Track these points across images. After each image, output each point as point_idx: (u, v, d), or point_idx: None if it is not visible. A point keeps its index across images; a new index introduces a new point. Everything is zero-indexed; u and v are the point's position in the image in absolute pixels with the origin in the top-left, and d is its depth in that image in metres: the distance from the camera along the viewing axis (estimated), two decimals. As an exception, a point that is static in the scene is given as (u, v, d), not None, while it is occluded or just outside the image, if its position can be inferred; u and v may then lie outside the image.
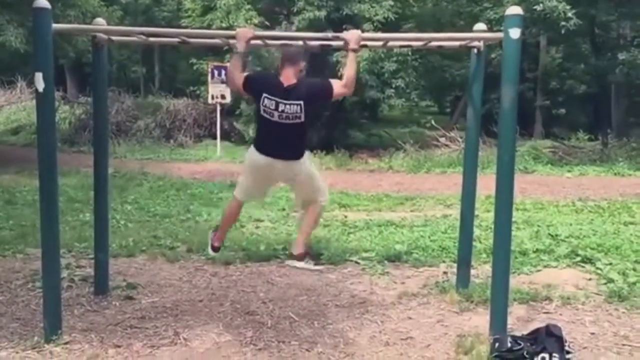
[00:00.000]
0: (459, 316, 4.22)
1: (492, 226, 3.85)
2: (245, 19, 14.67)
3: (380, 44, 4.66)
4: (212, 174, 11.64)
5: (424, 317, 4.22)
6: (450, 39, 4.74)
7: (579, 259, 5.46)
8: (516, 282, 4.75)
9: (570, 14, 13.25)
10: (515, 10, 3.57)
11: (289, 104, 3.65)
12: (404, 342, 3.79)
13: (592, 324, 4.09)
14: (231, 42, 4.10)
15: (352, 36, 3.74)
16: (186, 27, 15.09)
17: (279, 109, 3.66)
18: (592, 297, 4.58)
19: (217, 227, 4.32)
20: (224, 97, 14.72)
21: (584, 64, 18.81)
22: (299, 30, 13.68)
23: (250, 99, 14.20)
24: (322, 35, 4.39)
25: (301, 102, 3.64)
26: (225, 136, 15.93)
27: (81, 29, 6.15)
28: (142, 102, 18.64)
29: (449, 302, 4.43)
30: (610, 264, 5.26)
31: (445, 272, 5.18)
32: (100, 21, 4.14)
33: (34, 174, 4.23)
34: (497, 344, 3.45)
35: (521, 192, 9.04)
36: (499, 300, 3.73)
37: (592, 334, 3.91)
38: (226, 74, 13.41)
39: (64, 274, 4.73)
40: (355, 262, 5.52)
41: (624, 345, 3.74)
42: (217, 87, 14.66)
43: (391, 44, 5.08)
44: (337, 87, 3.71)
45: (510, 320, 3.84)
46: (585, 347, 3.70)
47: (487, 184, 4.75)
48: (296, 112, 3.66)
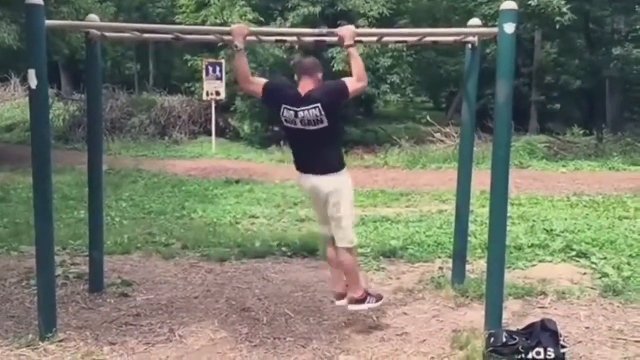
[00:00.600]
0: (455, 311, 4.23)
1: (488, 221, 3.85)
2: (239, 15, 14.65)
3: (375, 39, 4.65)
4: (208, 170, 11.63)
5: (420, 312, 4.23)
6: (445, 35, 4.75)
7: (574, 253, 5.48)
8: (511, 277, 4.76)
9: (565, 9, 13.26)
10: (510, 5, 3.57)
11: (307, 110, 3.60)
12: (400, 337, 3.79)
13: (587, 318, 4.10)
14: (226, 38, 4.09)
15: (347, 32, 3.71)
16: (180, 24, 15.04)
17: (299, 116, 3.63)
18: (587, 291, 4.60)
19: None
20: (218, 93, 14.69)
21: (578, 60, 18.85)
22: (294, 26, 13.66)
23: (245, 96, 14.24)
24: (316, 31, 4.39)
25: (318, 104, 3.58)
26: (220, 133, 15.92)
27: (74, 25, 6.13)
28: (137, 99, 18.53)
29: (445, 298, 4.44)
30: (605, 259, 5.29)
31: (440, 268, 5.19)
32: (93, 18, 4.12)
33: (28, 172, 4.21)
34: (493, 339, 3.45)
35: (516, 188, 9.06)
36: (495, 295, 3.73)
37: (587, 328, 3.93)
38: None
39: (59, 271, 4.71)
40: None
41: (618, 339, 3.76)
42: (212, 83, 14.65)
43: (386, 39, 5.07)
44: (351, 84, 3.67)
45: (505, 315, 3.85)
46: (580, 342, 3.71)
47: (482, 179, 4.74)
48: (317, 116, 3.59)
